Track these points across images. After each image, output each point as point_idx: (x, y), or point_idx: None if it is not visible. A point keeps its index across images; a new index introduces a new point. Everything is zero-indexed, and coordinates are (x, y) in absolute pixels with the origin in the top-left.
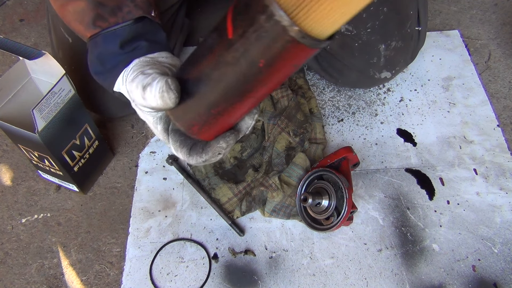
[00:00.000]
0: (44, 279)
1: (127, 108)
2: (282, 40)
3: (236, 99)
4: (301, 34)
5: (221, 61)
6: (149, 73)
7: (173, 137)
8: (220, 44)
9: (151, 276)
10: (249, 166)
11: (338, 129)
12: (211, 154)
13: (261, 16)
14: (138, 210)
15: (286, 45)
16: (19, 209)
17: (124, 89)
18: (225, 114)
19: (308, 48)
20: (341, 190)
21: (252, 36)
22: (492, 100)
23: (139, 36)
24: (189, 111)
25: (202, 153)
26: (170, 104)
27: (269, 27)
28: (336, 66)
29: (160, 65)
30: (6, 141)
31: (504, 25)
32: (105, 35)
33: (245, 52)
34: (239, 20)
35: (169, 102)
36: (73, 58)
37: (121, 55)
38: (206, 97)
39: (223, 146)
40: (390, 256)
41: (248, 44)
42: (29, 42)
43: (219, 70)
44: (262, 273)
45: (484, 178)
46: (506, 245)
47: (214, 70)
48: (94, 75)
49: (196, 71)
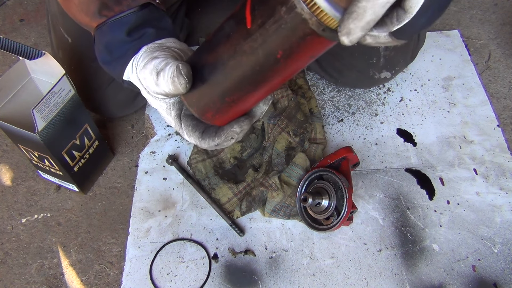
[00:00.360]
0: (44, 279)
1: (127, 108)
2: (302, 32)
3: (251, 88)
4: (321, 26)
5: (238, 50)
6: (161, 57)
7: (185, 122)
8: (237, 33)
9: (151, 276)
10: (249, 166)
11: (338, 129)
12: (223, 138)
13: (281, 7)
14: (138, 210)
15: (305, 37)
16: (19, 209)
17: (135, 77)
18: (239, 102)
19: (327, 40)
20: (341, 190)
21: (272, 27)
22: (492, 100)
23: (145, 22)
24: (203, 98)
25: (215, 137)
26: (180, 89)
27: (289, 19)
28: (336, 66)
29: (170, 50)
30: (6, 141)
31: (504, 25)
32: (111, 23)
33: (263, 42)
34: (259, 11)
35: (179, 87)
36: (73, 58)
37: (129, 43)
38: (220, 85)
39: (236, 131)
40: (390, 256)
41: (267, 35)
42: (29, 42)
43: (235, 59)
44: (262, 273)
45: (484, 178)
46: (506, 245)
47: (230, 59)
48: (103, 64)
49: (211, 59)
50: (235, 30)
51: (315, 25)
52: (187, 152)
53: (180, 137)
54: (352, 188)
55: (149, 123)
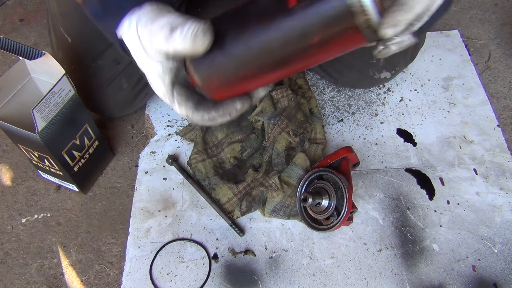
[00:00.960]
0: (44, 279)
1: (127, 108)
2: (346, 24)
3: (271, 67)
4: (366, 24)
5: (273, 27)
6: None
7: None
8: (276, 9)
9: (151, 276)
10: (249, 166)
11: (338, 129)
12: (221, 112)
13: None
14: (138, 210)
15: (347, 30)
16: (19, 209)
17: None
18: (251, 79)
19: (365, 39)
20: (341, 190)
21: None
22: (492, 100)
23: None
24: (214, 66)
25: (211, 109)
26: (199, 49)
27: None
28: (336, 66)
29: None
30: (6, 141)
31: (504, 25)
32: None
33: (303, 25)
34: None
35: (200, 47)
36: (73, 58)
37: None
38: (240, 56)
39: (237, 107)
40: (390, 256)
41: (309, 18)
42: (29, 42)
43: (266, 34)
44: (262, 273)
45: (484, 178)
46: (506, 245)
47: (260, 32)
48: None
49: (237, 27)
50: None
51: (362, 20)
52: (187, 152)
53: (181, 137)
54: (352, 188)
55: (149, 123)
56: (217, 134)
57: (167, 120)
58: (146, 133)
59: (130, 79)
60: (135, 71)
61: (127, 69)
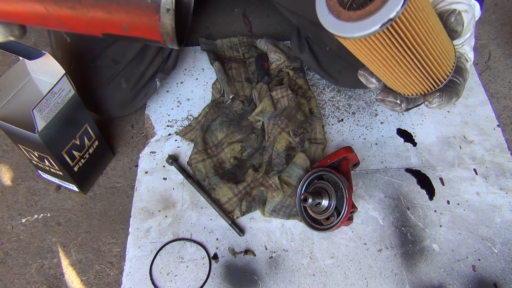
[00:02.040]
0: (44, 279)
1: (127, 108)
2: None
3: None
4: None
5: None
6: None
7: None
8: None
9: (151, 276)
10: (249, 166)
11: (338, 129)
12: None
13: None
14: (138, 210)
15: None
16: (19, 209)
17: None
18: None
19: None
20: (341, 190)
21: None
22: (492, 100)
23: None
24: None
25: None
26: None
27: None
28: (336, 66)
29: None
30: (6, 141)
31: (504, 25)
32: None
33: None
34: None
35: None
36: (72, 58)
37: None
38: None
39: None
40: (390, 256)
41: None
42: (29, 42)
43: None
44: (262, 273)
45: (484, 178)
46: (506, 245)
47: None
48: None
49: None
50: None
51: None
52: (187, 152)
53: (181, 137)
54: (352, 188)
55: (149, 123)
56: (217, 134)
57: (167, 120)
58: (146, 133)
59: (129, 79)
60: (134, 72)
61: (126, 69)
